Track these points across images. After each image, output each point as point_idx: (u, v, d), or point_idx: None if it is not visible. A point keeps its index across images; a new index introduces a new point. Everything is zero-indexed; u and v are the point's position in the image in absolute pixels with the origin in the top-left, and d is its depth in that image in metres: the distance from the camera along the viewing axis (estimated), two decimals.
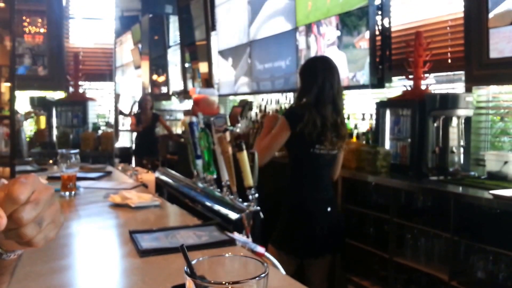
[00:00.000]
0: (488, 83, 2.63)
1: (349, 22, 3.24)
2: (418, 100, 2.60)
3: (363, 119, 3.26)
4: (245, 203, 1.42)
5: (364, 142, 3.07)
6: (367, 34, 3.09)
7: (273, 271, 1.01)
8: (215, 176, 1.66)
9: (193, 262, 0.56)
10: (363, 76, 3.16)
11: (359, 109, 3.56)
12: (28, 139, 3.61)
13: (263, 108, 4.43)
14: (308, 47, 3.74)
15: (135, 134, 6.59)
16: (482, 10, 2.48)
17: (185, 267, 0.55)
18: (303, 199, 2.16)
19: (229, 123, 4.27)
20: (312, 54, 3.67)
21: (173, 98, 7.35)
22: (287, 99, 4.10)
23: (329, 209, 2.15)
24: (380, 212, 2.62)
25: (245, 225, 1.37)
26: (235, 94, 5.34)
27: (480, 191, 2.12)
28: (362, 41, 3.14)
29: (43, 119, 4.18)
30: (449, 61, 2.84)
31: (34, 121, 4.21)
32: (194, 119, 1.73)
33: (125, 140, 7.56)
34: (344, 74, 3.25)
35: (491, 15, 2.44)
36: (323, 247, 2.13)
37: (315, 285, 2.16)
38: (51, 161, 2.71)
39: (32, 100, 4.31)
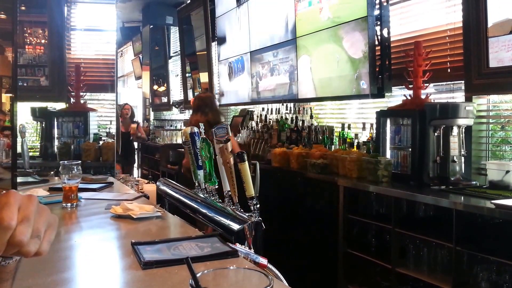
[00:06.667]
0: (488, 92, 2.64)
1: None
2: (418, 110, 2.61)
3: (364, 128, 3.26)
4: (247, 214, 1.42)
5: (365, 151, 3.07)
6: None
7: (276, 282, 1.00)
8: (216, 186, 1.65)
9: (198, 275, 0.56)
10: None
11: (359, 118, 3.57)
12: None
13: (263, 117, 4.43)
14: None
15: None
16: (481, 19, 2.49)
17: (190, 280, 0.55)
18: None
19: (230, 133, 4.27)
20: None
21: (174, 108, 7.37)
22: (287, 109, 4.11)
23: None
24: (382, 221, 2.62)
25: (247, 236, 1.36)
26: (236, 104, 5.36)
27: (482, 200, 2.11)
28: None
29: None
30: (449, 70, 2.85)
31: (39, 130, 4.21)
32: (195, 129, 1.73)
33: None
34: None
35: (490, 24, 2.45)
36: None
37: None
38: (52, 172, 2.71)
39: (33, 110, 4.31)
